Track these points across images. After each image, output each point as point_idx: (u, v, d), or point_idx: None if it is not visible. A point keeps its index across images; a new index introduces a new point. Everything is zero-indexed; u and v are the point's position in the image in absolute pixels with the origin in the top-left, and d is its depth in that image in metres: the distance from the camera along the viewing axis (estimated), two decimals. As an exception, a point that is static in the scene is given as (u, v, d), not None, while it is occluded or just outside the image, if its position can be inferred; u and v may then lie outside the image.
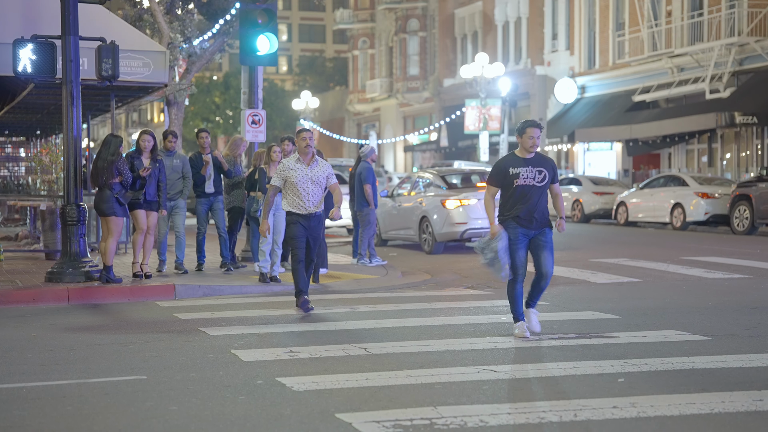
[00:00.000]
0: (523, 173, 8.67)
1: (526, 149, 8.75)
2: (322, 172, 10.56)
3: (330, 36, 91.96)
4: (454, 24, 52.19)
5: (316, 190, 10.50)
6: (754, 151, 32.26)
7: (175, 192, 13.66)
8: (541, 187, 8.68)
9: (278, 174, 10.54)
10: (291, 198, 10.48)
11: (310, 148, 10.48)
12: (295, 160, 10.52)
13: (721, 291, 12.13)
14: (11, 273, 13.68)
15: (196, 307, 11.18)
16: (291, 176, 10.43)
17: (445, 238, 18.23)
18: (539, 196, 8.69)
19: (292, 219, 10.47)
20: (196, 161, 14.09)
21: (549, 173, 8.76)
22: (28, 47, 12.27)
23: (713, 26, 32.65)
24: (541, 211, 8.68)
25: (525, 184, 8.65)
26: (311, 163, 10.53)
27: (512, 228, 8.65)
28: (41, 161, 20.55)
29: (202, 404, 6.25)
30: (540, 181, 8.69)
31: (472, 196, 18.31)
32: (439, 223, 18.17)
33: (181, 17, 18.76)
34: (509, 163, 8.74)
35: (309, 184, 10.44)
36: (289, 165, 10.51)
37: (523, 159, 8.74)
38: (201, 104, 65.96)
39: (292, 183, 10.43)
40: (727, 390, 6.47)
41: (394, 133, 58.54)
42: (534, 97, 43.86)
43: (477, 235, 18.22)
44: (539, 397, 6.37)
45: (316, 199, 10.48)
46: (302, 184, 10.40)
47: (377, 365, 7.44)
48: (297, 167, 10.48)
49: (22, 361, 7.90)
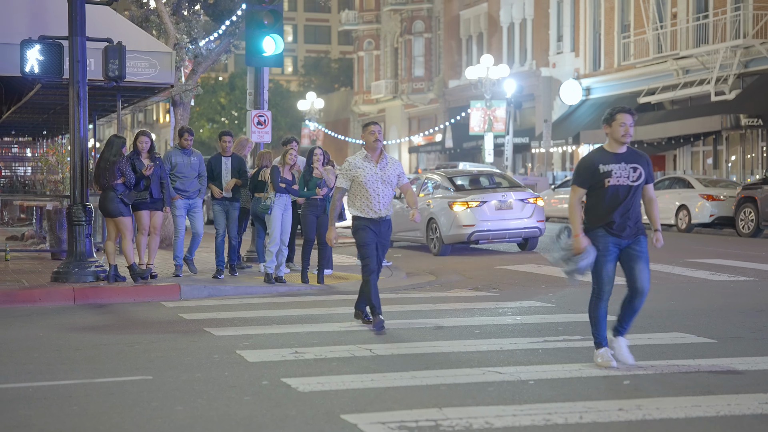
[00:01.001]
0: (616, 171, 7.33)
1: (617, 141, 7.40)
2: (393, 170, 9.46)
3: (335, 37, 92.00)
4: (459, 25, 52.18)
5: (387, 191, 9.40)
6: (759, 153, 32.22)
7: (192, 191, 13.40)
8: (636, 187, 7.36)
9: (344, 174, 9.41)
10: (359, 201, 9.38)
11: (380, 143, 9.36)
12: (363, 158, 9.39)
13: (727, 293, 12.12)
14: (17, 273, 13.71)
15: (202, 307, 11.19)
16: (359, 176, 9.31)
17: (452, 240, 18.22)
18: (634, 198, 7.38)
19: (361, 224, 9.39)
20: (215, 164, 13.69)
21: (644, 171, 7.39)
22: (35, 48, 12.31)
23: (718, 28, 32.62)
24: (636, 217, 7.38)
25: (618, 185, 7.32)
26: (380, 160, 9.41)
27: (601, 237, 7.34)
28: (48, 161, 20.60)
29: (208, 404, 6.27)
30: (635, 180, 7.35)
31: (479, 198, 18.27)
32: (446, 225, 18.17)
33: (188, 18, 18.77)
34: (598, 159, 7.39)
35: (379, 185, 9.33)
36: (356, 163, 9.38)
37: (614, 154, 7.40)
38: (206, 105, 66.05)
39: (360, 184, 9.32)
40: (733, 393, 6.47)
41: (399, 134, 58.57)
42: (539, 98, 43.85)
43: (484, 238, 18.24)
44: (544, 398, 6.37)
45: (386, 201, 9.40)
46: (372, 184, 9.30)
47: (382, 366, 7.44)
48: (365, 166, 9.36)
49: (28, 360, 7.92)
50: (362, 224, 9.40)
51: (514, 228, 18.19)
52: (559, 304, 11.31)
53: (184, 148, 13.42)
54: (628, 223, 7.33)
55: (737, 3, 32.36)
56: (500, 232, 18.11)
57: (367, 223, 9.36)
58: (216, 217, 13.80)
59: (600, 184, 7.34)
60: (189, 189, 13.35)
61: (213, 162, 13.77)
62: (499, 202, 18.27)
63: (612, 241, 7.34)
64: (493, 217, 18.08)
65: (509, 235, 18.30)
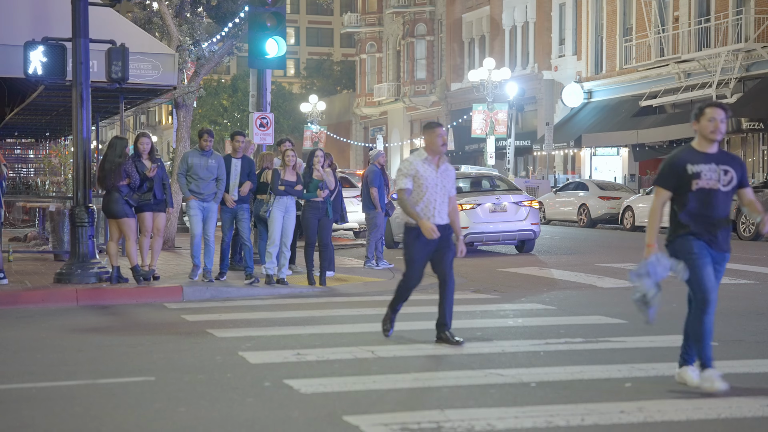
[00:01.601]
0: (705, 173, 6.59)
1: (706, 138, 6.63)
2: (450, 178, 8.60)
3: (337, 39, 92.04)
4: (462, 28, 52.21)
5: (444, 197, 8.55)
6: (760, 157, 32.23)
7: (207, 194, 13.00)
8: (727, 193, 6.63)
9: (405, 174, 8.51)
10: (414, 204, 8.50)
11: (444, 146, 8.55)
12: (423, 160, 8.50)
13: (728, 296, 12.12)
14: (20, 274, 13.73)
15: (204, 308, 11.21)
16: (419, 178, 8.48)
17: None
18: (725, 205, 6.65)
19: (416, 234, 8.45)
20: (225, 165, 13.38)
21: (737, 174, 6.68)
22: (38, 49, 12.34)
23: (720, 32, 32.64)
24: (726, 230, 6.69)
25: (707, 188, 6.59)
26: (440, 164, 8.56)
27: (691, 240, 6.60)
28: (50, 163, 20.64)
29: (210, 406, 6.28)
30: (726, 183, 6.63)
31: (473, 200, 18.51)
32: None
33: (191, 20, 18.80)
34: (686, 158, 6.63)
35: (438, 190, 8.48)
36: (416, 164, 8.48)
37: (704, 154, 6.64)
38: (209, 107, 66.06)
39: (419, 187, 8.47)
40: (734, 395, 6.48)
41: (401, 136, 58.58)
42: (541, 101, 43.88)
43: (478, 240, 18.49)
44: (546, 401, 6.38)
45: (443, 208, 8.55)
46: (432, 189, 8.45)
47: (385, 368, 7.46)
48: (426, 169, 8.49)
49: (31, 361, 7.94)
50: (416, 235, 8.45)
51: (508, 230, 18.44)
52: (561, 306, 11.32)
53: (203, 150, 13.07)
54: (718, 234, 6.62)
55: (739, 7, 32.38)
56: (494, 234, 18.37)
57: (421, 234, 8.41)
58: (223, 224, 13.69)
59: (686, 187, 6.58)
60: (204, 192, 12.96)
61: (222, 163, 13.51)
62: (493, 204, 18.52)
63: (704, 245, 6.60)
64: (487, 220, 18.35)
65: (503, 237, 18.56)
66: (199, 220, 13.02)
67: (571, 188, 30.92)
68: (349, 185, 23.30)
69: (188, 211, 13.04)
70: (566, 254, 18.86)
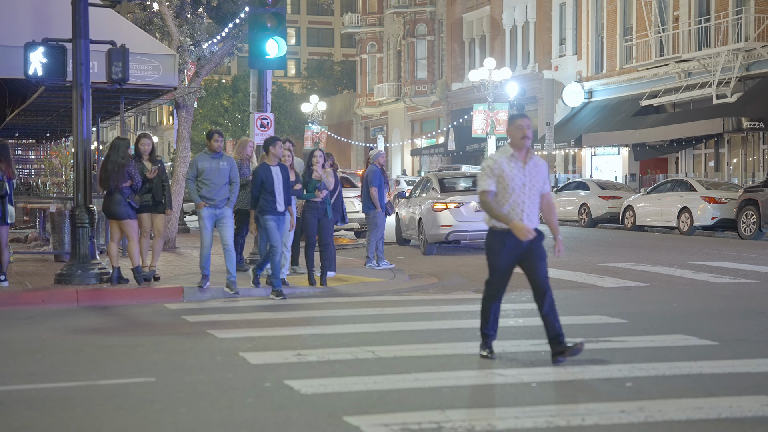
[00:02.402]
0: None
1: None
2: (541, 173, 7.80)
3: (338, 40, 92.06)
4: (462, 28, 52.22)
5: (534, 198, 7.73)
6: (760, 156, 32.22)
7: (221, 199, 12.22)
8: None
9: (488, 174, 7.69)
10: (499, 206, 7.72)
11: (528, 140, 7.72)
12: (509, 157, 7.70)
13: (729, 296, 12.12)
14: (21, 275, 13.74)
15: (204, 309, 11.21)
16: (504, 178, 7.67)
17: (434, 239, 19.04)
18: None
19: (499, 240, 7.71)
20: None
21: None
22: (39, 50, 12.34)
23: (720, 32, 32.64)
24: None
25: None
26: (528, 161, 7.75)
27: None
28: (51, 164, 20.63)
29: (211, 407, 6.28)
30: None
31: (459, 200, 19.09)
32: (428, 225, 19.11)
33: (191, 21, 18.81)
34: None
35: (526, 190, 7.69)
36: (501, 163, 7.69)
37: None
38: (210, 107, 66.09)
39: (505, 187, 7.68)
40: (735, 395, 6.48)
41: (402, 136, 58.60)
42: (541, 101, 43.87)
43: (462, 237, 19.11)
44: (547, 401, 6.38)
45: (533, 211, 7.73)
46: (519, 188, 7.66)
47: (385, 368, 7.45)
48: (512, 166, 7.68)
49: (31, 362, 7.94)
50: (501, 240, 7.68)
51: None
52: (562, 306, 11.27)
53: (214, 152, 12.32)
54: None
55: (739, 6, 32.38)
56: (477, 232, 18.83)
57: (507, 239, 7.64)
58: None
59: None
60: (216, 197, 12.19)
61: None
62: (478, 204, 18.58)
63: None
64: (471, 218, 18.82)
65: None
66: (210, 228, 12.25)
67: (571, 188, 30.92)
68: (349, 185, 23.33)
69: (200, 219, 12.27)
70: (567, 254, 18.87)
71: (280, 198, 12.06)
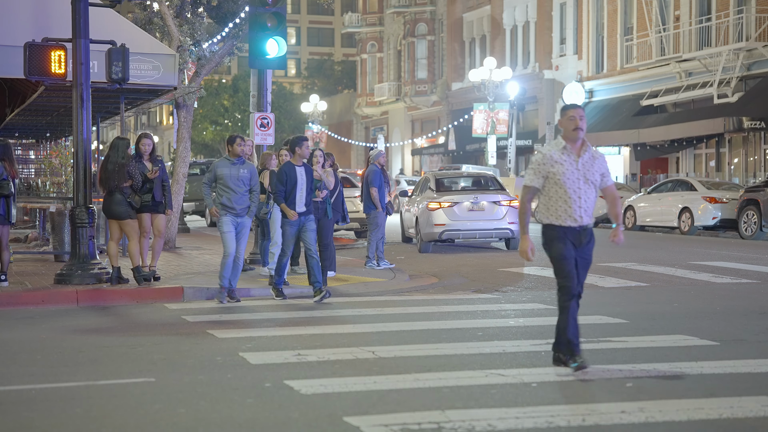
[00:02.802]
0: None
1: None
2: (598, 166, 7.45)
3: (338, 39, 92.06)
4: (462, 28, 52.22)
5: (590, 192, 7.41)
6: (761, 156, 32.20)
7: (241, 207, 11.69)
8: None
9: (537, 169, 7.40)
10: (554, 205, 7.37)
11: (581, 131, 7.38)
12: (561, 150, 7.36)
13: (729, 296, 12.11)
14: (21, 275, 13.73)
15: (204, 309, 11.20)
16: (556, 173, 7.34)
17: (428, 237, 19.45)
18: None
19: (555, 234, 7.39)
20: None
21: None
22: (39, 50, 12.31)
23: (721, 31, 32.62)
24: None
25: None
26: (582, 153, 7.40)
27: None
28: (51, 163, 20.62)
29: (211, 407, 6.27)
30: None
31: (453, 199, 19.43)
32: (423, 223, 19.51)
33: (191, 21, 18.80)
34: None
35: (581, 185, 7.34)
36: (552, 156, 7.36)
37: None
38: (210, 107, 66.11)
39: (557, 183, 7.34)
40: (736, 395, 6.46)
41: (402, 136, 58.61)
42: (542, 101, 43.86)
43: (455, 236, 19.51)
44: (547, 401, 6.37)
45: (589, 206, 7.43)
46: (572, 184, 7.31)
47: (385, 368, 7.45)
48: (564, 160, 7.35)
49: (31, 362, 7.94)
50: (557, 235, 7.39)
51: (484, 228, 19.41)
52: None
53: (236, 157, 11.80)
54: None
55: (740, 6, 32.37)
56: (470, 232, 19.35)
57: (565, 234, 7.37)
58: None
59: None
60: (237, 206, 11.67)
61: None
62: (471, 203, 19.46)
63: None
64: (464, 218, 19.27)
65: (479, 234, 19.54)
66: (233, 237, 11.68)
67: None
68: (350, 185, 23.33)
69: (221, 227, 11.69)
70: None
71: (301, 199, 11.88)
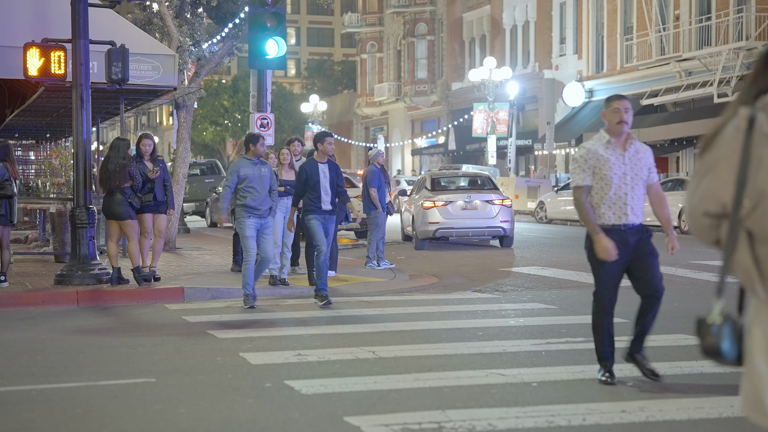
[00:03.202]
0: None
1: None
2: (645, 160, 6.93)
3: (338, 39, 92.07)
4: (462, 28, 52.22)
5: (638, 189, 6.86)
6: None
7: (265, 208, 11.34)
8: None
9: (581, 165, 6.87)
10: (598, 202, 6.86)
11: (626, 125, 6.89)
12: (605, 144, 6.87)
13: (730, 295, 12.09)
14: (21, 275, 13.73)
15: (205, 309, 11.20)
16: (601, 168, 6.82)
17: (423, 235, 19.95)
18: None
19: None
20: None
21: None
22: (38, 51, 12.32)
23: (721, 30, 32.62)
24: None
25: None
26: (628, 147, 6.90)
27: None
28: (51, 164, 20.62)
29: (211, 407, 6.27)
30: None
31: (447, 198, 19.92)
32: (418, 221, 20.01)
33: (191, 21, 18.80)
34: None
35: (627, 180, 6.82)
36: (597, 151, 6.84)
37: None
38: (210, 107, 66.11)
39: (602, 179, 6.82)
40: (736, 394, 6.43)
41: (402, 136, 58.61)
42: (542, 100, 43.86)
43: (448, 234, 20.07)
44: (547, 400, 6.37)
45: (638, 203, 6.87)
46: (618, 180, 6.80)
47: (385, 368, 7.45)
48: (609, 155, 6.83)
49: (31, 363, 7.93)
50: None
51: (476, 227, 19.93)
52: (562, 306, 11.30)
53: (257, 157, 11.40)
54: None
55: (740, 5, 32.37)
56: (463, 230, 19.88)
57: (611, 235, 6.74)
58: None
59: None
60: (261, 207, 11.28)
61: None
62: (464, 202, 19.98)
63: None
64: (457, 216, 19.76)
65: (472, 233, 20.10)
66: (255, 241, 11.21)
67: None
68: (350, 185, 23.33)
69: (244, 231, 11.17)
70: (567, 253, 18.85)
71: (326, 197, 11.48)
